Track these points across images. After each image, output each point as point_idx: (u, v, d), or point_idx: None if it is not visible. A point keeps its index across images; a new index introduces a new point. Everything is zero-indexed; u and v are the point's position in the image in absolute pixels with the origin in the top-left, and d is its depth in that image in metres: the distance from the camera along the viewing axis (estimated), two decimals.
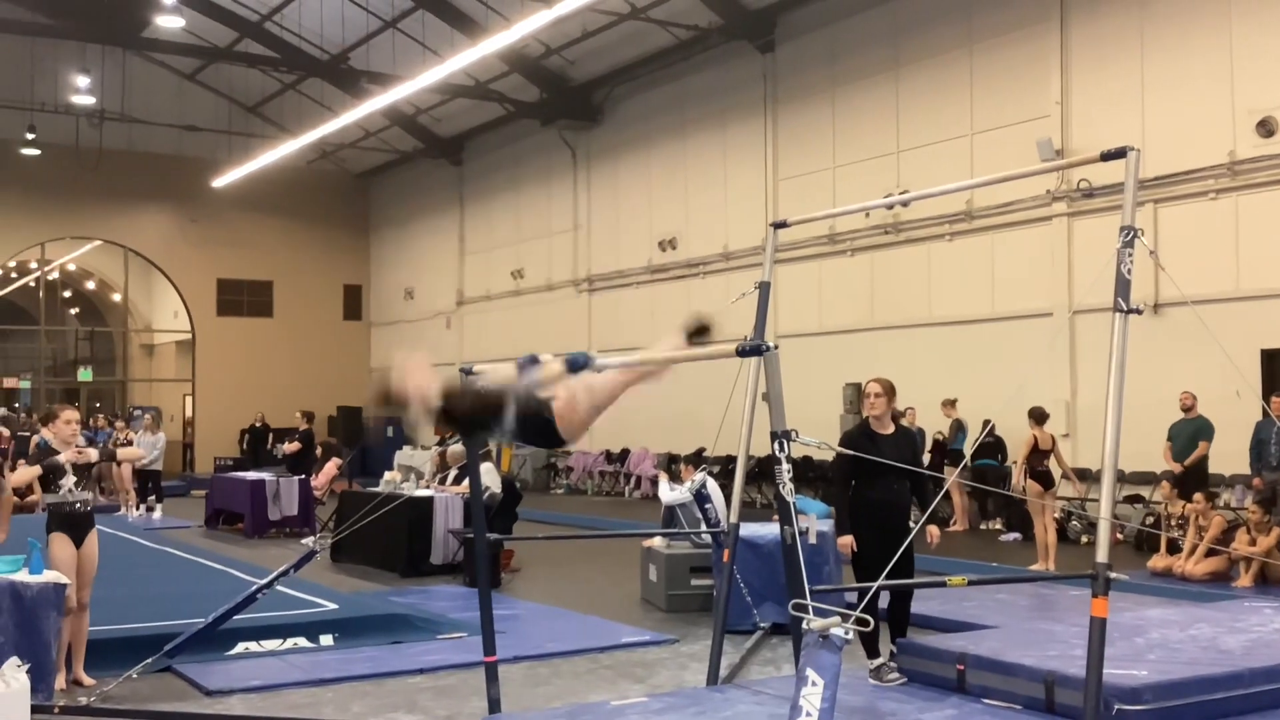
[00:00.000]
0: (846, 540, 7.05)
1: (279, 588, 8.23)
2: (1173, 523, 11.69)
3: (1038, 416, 11.98)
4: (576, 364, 4.65)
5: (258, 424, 26.76)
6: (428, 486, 13.79)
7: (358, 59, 24.50)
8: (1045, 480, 11.83)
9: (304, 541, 14.59)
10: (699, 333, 4.87)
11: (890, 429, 7.29)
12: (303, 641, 8.51)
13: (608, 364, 4.77)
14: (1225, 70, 13.74)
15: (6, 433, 20.16)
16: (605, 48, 22.23)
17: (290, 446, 17.68)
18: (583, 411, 4.66)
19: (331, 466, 17.77)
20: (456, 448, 13.45)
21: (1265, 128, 13.29)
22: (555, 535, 14.52)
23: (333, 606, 9.41)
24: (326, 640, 8.60)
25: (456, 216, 29.00)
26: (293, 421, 18.78)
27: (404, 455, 22.06)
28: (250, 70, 26.31)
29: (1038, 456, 11.82)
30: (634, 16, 20.35)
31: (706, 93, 21.33)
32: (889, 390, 7.24)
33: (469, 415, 4.72)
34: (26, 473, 7.55)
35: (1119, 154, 4.77)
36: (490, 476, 12.30)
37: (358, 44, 24.41)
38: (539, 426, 4.60)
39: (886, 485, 6.99)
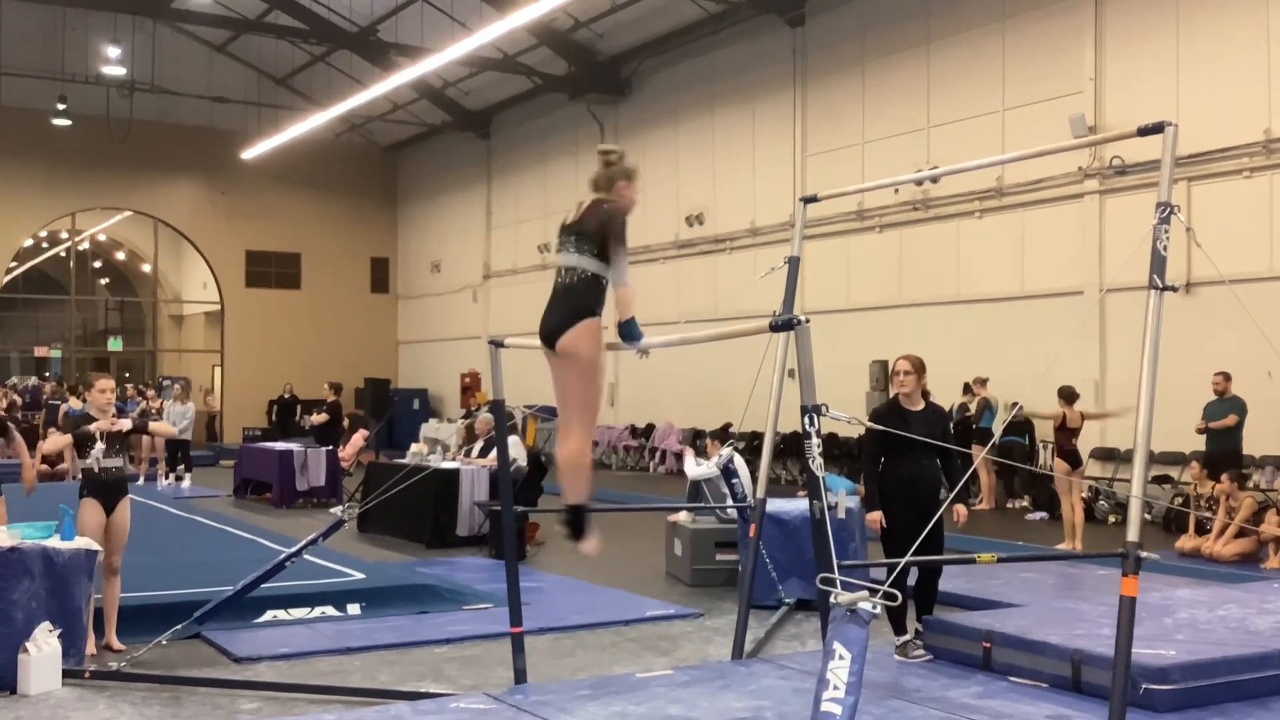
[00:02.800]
0: (876, 516, 7.04)
1: (307, 557, 8.30)
2: (1202, 503, 11.61)
3: (1068, 396, 11.91)
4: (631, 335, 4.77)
5: (286, 395, 26.94)
6: (454, 459, 13.85)
7: (386, 31, 24.46)
8: (1073, 459, 11.78)
9: (332, 511, 14.68)
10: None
11: (920, 405, 7.25)
12: (330, 610, 8.59)
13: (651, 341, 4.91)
14: (1262, 47, 13.54)
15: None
16: (634, 21, 22.11)
17: (318, 418, 17.79)
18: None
19: (359, 438, 17.89)
20: (485, 417, 13.49)
21: None
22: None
23: (360, 576, 9.50)
24: (354, 609, 8.68)
25: (484, 190, 28.99)
26: (320, 393, 18.89)
27: (430, 428, 22.19)
28: (279, 42, 26.30)
29: (1065, 435, 11.75)
30: None
31: (735, 67, 21.20)
32: (919, 367, 7.21)
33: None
34: (58, 440, 7.64)
35: (1156, 129, 4.71)
36: (516, 449, 12.34)
37: (386, 16, 24.36)
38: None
39: (916, 462, 6.97)
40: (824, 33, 19.47)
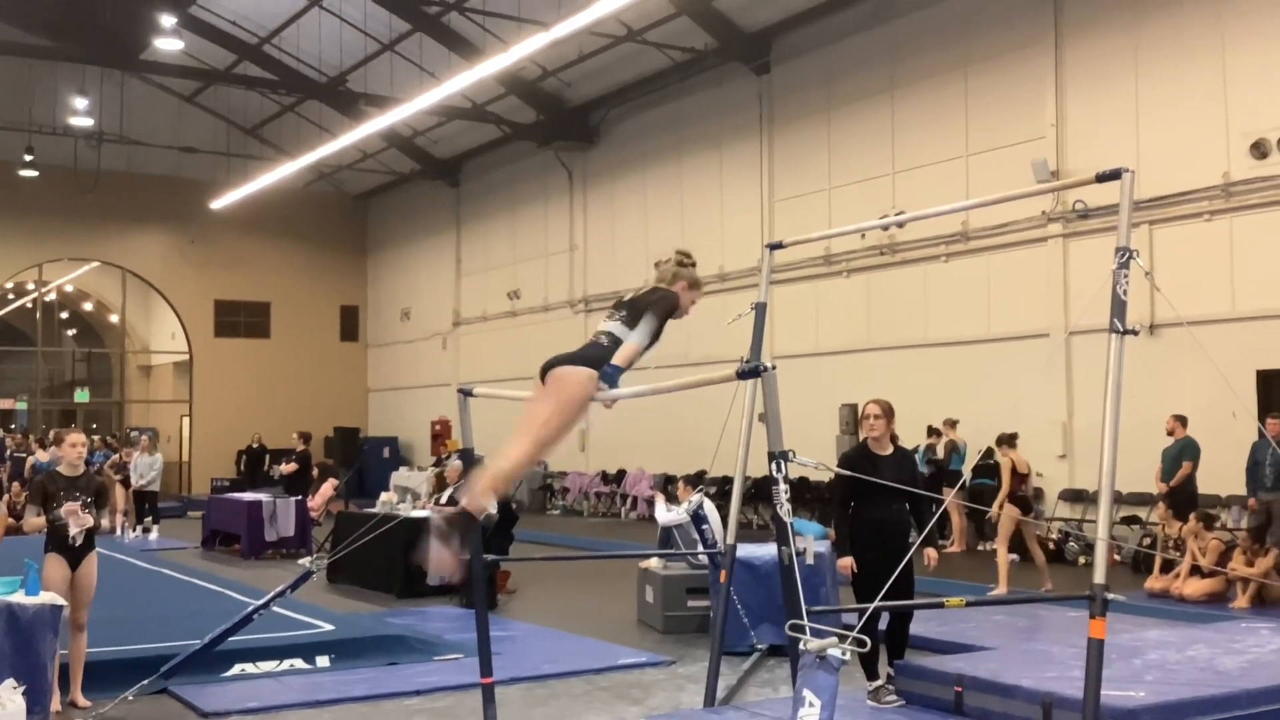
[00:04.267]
0: (847, 562, 7.05)
1: (275, 609, 8.23)
2: (1169, 544, 11.69)
3: (1008, 441, 11.98)
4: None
5: (255, 445, 26.74)
6: (424, 507, 13.77)
7: (356, 81, 24.60)
8: (1025, 505, 11.82)
9: (300, 562, 14.53)
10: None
11: (889, 450, 7.30)
12: (299, 663, 8.50)
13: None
14: (1219, 92, 13.82)
15: None
16: (602, 70, 22.33)
17: (287, 467, 17.67)
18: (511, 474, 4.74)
19: (328, 487, 17.76)
20: (455, 464, 13.43)
21: (1259, 149, 13.35)
22: (552, 556, 14.51)
23: (329, 628, 9.40)
24: (323, 661, 8.59)
25: (453, 237, 29.06)
26: (290, 442, 18.77)
27: (400, 476, 22.06)
28: (249, 92, 26.40)
29: (1016, 480, 11.78)
30: (630, 39, 20.45)
31: (703, 114, 21.41)
32: (888, 411, 7.26)
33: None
34: (35, 523, 7.52)
35: (1114, 175, 4.80)
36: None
37: (355, 66, 24.50)
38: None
39: (885, 506, 7.00)
40: (789, 80, 19.72)
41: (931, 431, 15.89)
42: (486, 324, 27.53)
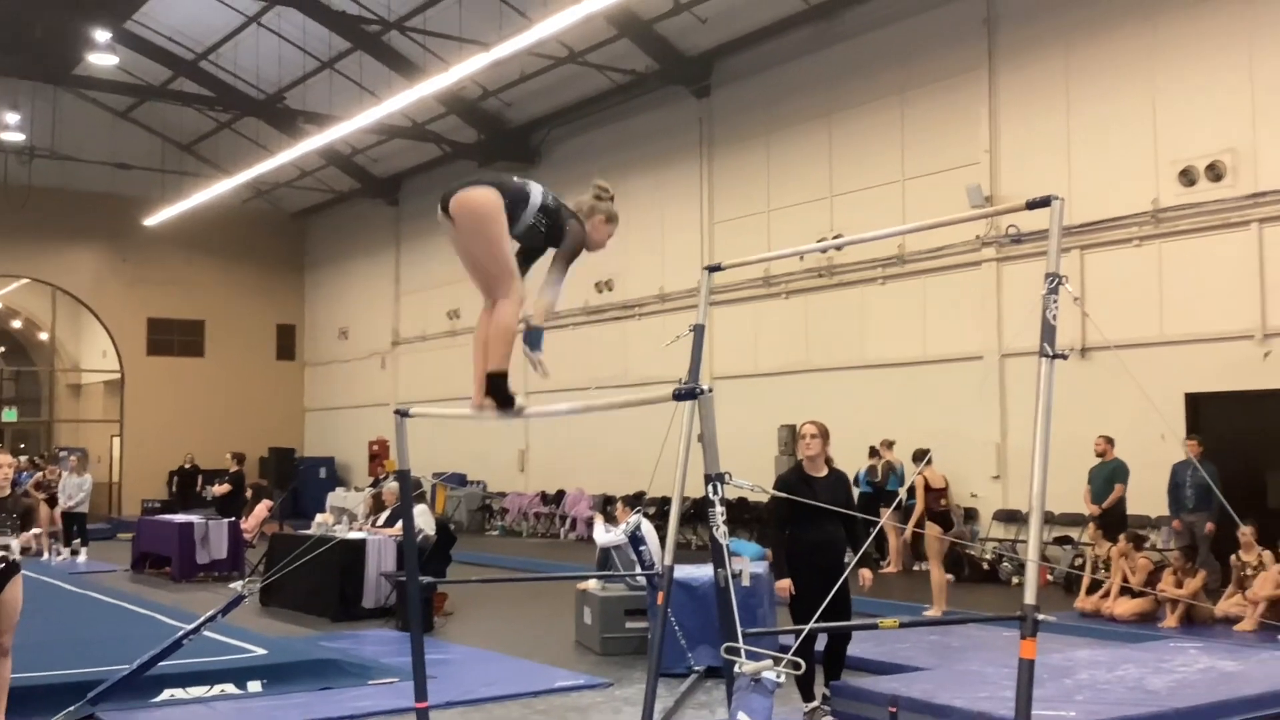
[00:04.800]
0: (785, 584, 7.07)
1: (206, 633, 8.08)
2: (1099, 564, 11.87)
3: (922, 458, 11.99)
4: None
5: (187, 465, 26.31)
6: (361, 529, 13.63)
7: (294, 98, 24.40)
8: (944, 521, 11.81)
9: (232, 586, 14.33)
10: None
11: (824, 471, 7.34)
12: (230, 688, 8.35)
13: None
14: (1149, 121, 14.13)
15: None
16: (543, 91, 22.36)
17: (220, 488, 17.42)
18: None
19: (262, 509, 17.54)
20: (392, 486, 13.31)
21: (1187, 177, 13.67)
22: (489, 579, 14.41)
23: (261, 651, 9.26)
24: (255, 686, 8.45)
25: (392, 257, 28.87)
26: (223, 463, 18.49)
27: (337, 497, 21.80)
28: (185, 108, 26.08)
29: (933, 496, 11.81)
30: (571, 60, 20.50)
31: (643, 136, 21.51)
32: (824, 433, 7.31)
33: None
34: None
35: (1044, 202, 4.87)
36: (424, 519, 12.19)
37: (294, 84, 24.32)
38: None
39: (821, 528, 7.04)
40: (729, 103, 19.87)
41: (873, 452, 16.02)
42: (426, 344, 27.36)
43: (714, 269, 7.63)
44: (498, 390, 4.68)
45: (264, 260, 31.57)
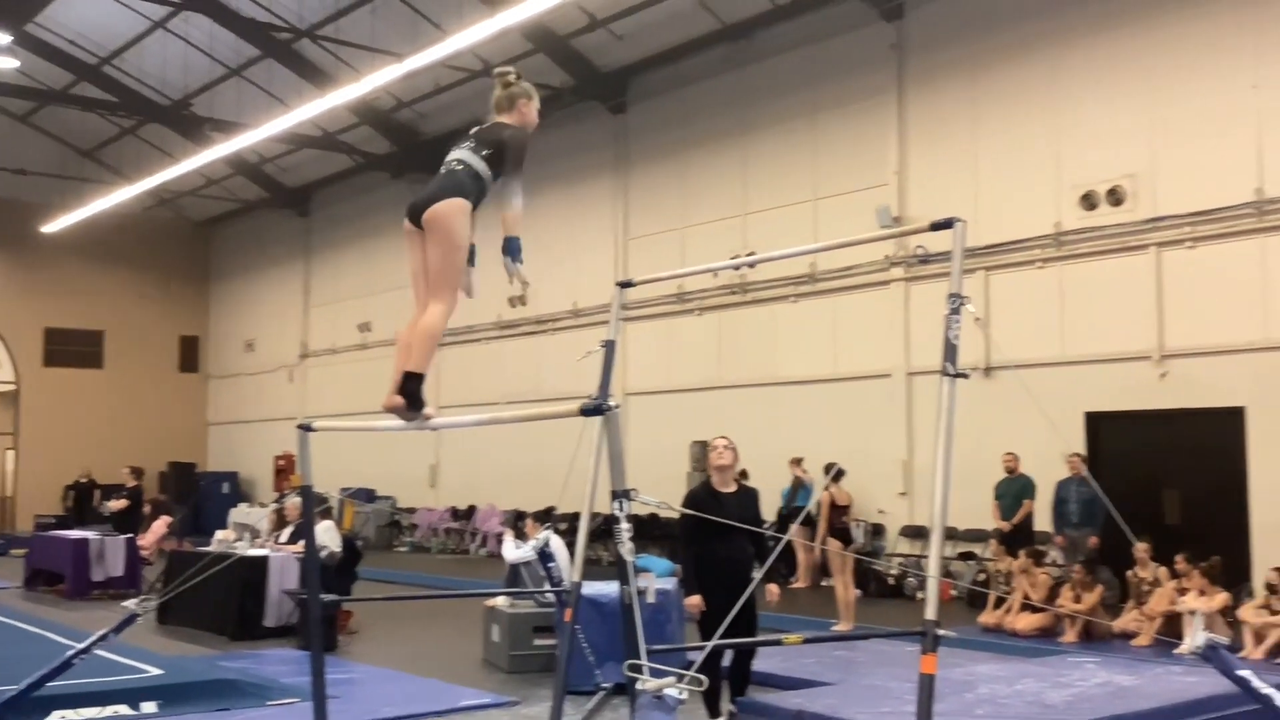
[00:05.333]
0: (695, 600, 7.06)
1: (100, 652, 7.83)
2: (1001, 579, 12.07)
3: (833, 474, 12.15)
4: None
5: (84, 480, 25.56)
6: (263, 545, 13.34)
7: (201, 105, 23.93)
8: (845, 537, 11.95)
9: (125, 604, 13.93)
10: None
11: (733, 487, 7.36)
12: (124, 709, 8.09)
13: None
14: (1052, 146, 14.48)
15: None
16: (457, 103, 22.20)
17: (117, 504, 16.96)
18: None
19: (161, 525, 17.10)
20: (295, 501, 13.05)
21: (1088, 201, 14.02)
22: (395, 596, 14.20)
23: (157, 672, 8.99)
24: (149, 708, 8.20)
25: (302, 268, 28.43)
26: (121, 478, 18.00)
27: (240, 513, 21.34)
28: (87, 114, 25.44)
29: (837, 513, 11.94)
30: (486, 74, 20.38)
31: (559, 151, 21.45)
32: (734, 448, 7.34)
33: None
34: None
35: (947, 224, 4.95)
36: (329, 535, 11.98)
37: (201, 90, 23.85)
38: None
39: (730, 543, 7.04)
40: (644, 120, 19.94)
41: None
42: (336, 356, 26.96)
43: (626, 285, 7.63)
44: (411, 391, 4.66)
45: (167, 270, 30.89)
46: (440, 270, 4.73)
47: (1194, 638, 5.31)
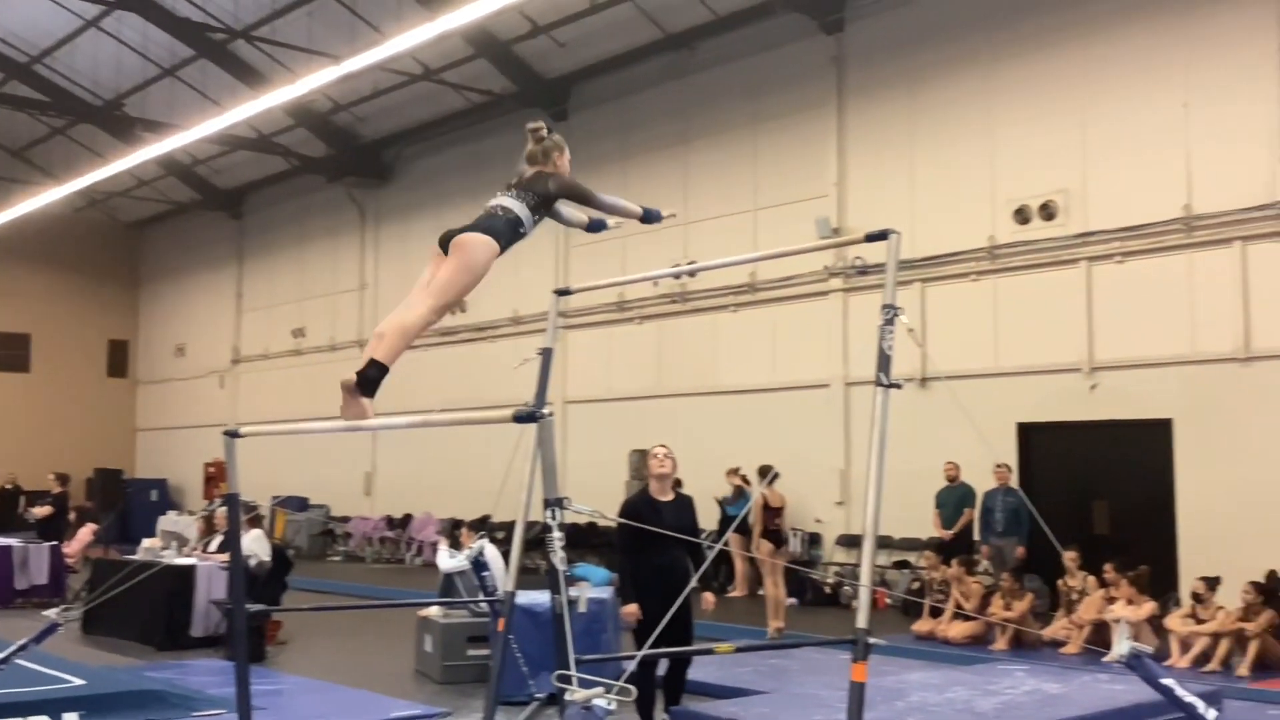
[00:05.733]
0: (631, 609, 7.02)
1: (20, 662, 7.64)
2: (934, 587, 12.17)
3: (766, 476, 12.27)
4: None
5: (7, 486, 24.95)
6: (191, 554, 13.10)
7: (133, 106, 23.51)
8: (776, 539, 12.03)
9: (47, 613, 13.61)
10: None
11: (670, 496, 7.34)
12: None
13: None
14: (987, 161, 14.67)
15: None
16: (396, 107, 22.05)
17: (41, 510, 16.57)
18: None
19: (86, 532, 16.74)
20: (224, 509, 12.83)
21: (1022, 215, 14.21)
22: (325, 606, 14.00)
23: (79, 682, 8.77)
24: (71, 718, 7.98)
25: (234, 272, 28.02)
26: (46, 484, 17.59)
27: (169, 521, 20.91)
28: (16, 113, 24.88)
29: (770, 515, 12.02)
30: (426, 78, 20.28)
31: (499, 157, 21.31)
32: (674, 456, 7.34)
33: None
34: None
35: (881, 236, 4.99)
36: (258, 544, 11.78)
37: (133, 90, 23.43)
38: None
39: (666, 552, 7.02)
40: (585, 128, 19.88)
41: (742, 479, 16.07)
42: (269, 362, 26.60)
43: (563, 293, 7.61)
44: (370, 377, 4.72)
45: (96, 272, 30.32)
46: (445, 284, 4.90)
47: (1119, 646, 5.38)
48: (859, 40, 16.21)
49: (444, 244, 5.04)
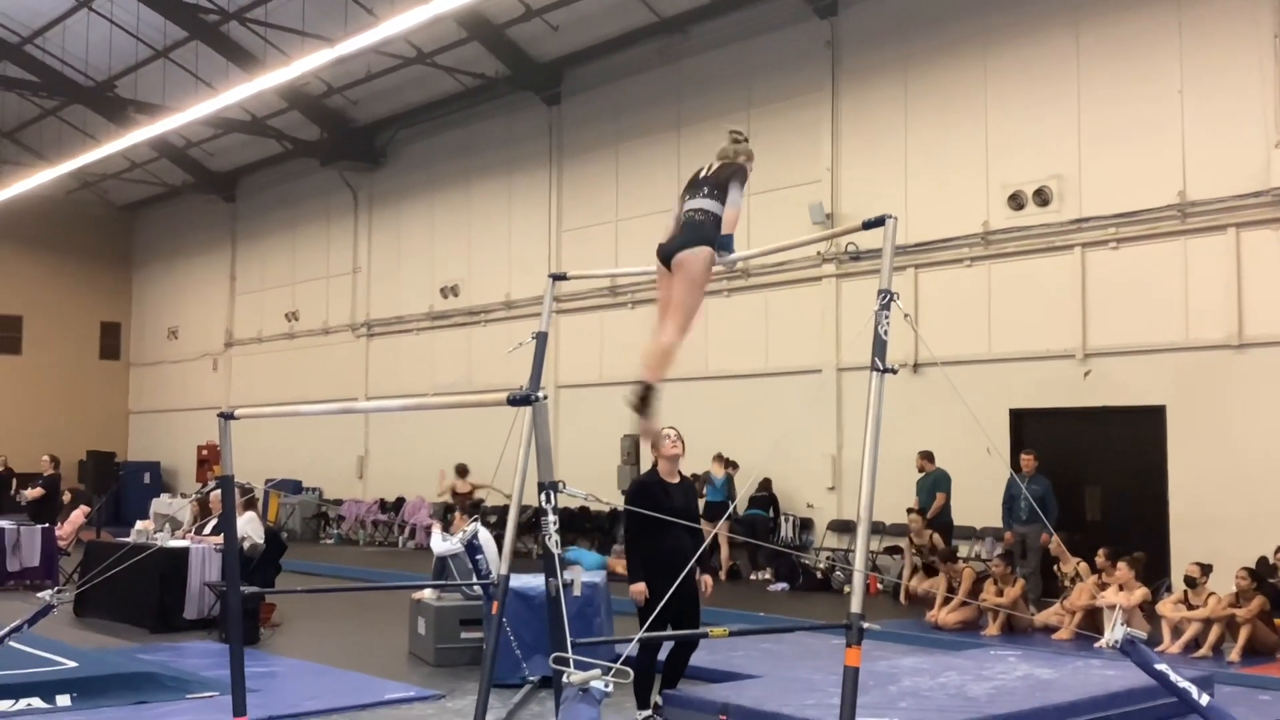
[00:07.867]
0: (640, 588, 7.03)
1: (13, 644, 7.64)
2: (913, 544, 12.25)
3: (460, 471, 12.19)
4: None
5: None
6: (185, 536, 13.10)
7: (125, 87, 23.40)
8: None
9: (40, 595, 13.60)
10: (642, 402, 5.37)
11: (677, 478, 7.37)
12: (37, 702, 7.91)
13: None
14: (981, 146, 14.65)
15: None
16: (390, 90, 21.97)
17: (33, 492, 16.56)
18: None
19: (79, 514, 16.73)
20: (218, 492, 12.82)
21: (1015, 201, 14.22)
22: (318, 589, 14.01)
23: (72, 664, 8.80)
24: (64, 701, 8.02)
25: (228, 254, 27.95)
26: (38, 466, 17.57)
27: (161, 503, 21.01)
28: (7, 93, 24.77)
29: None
30: (420, 61, 20.20)
31: (493, 141, 21.32)
32: (682, 438, 7.38)
33: None
34: None
35: (878, 222, 4.99)
36: (252, 526, 11.79)
37: (126, 72, 23.32)
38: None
39: (677, 534, 7.03)
40: (579, 112, 19.86)
41: (729, 464, 16.09)
42: (262, 345, 26.56)
43: (559, 278, 7.60)
44: (643, 399, 5.38)
45: (89, 254, 30.23)
46: (681, 303, 5.44)
47: (1113, 632, 5.40)
48: (853, 24, 16.17)
49: (663, 258, 5.52)
